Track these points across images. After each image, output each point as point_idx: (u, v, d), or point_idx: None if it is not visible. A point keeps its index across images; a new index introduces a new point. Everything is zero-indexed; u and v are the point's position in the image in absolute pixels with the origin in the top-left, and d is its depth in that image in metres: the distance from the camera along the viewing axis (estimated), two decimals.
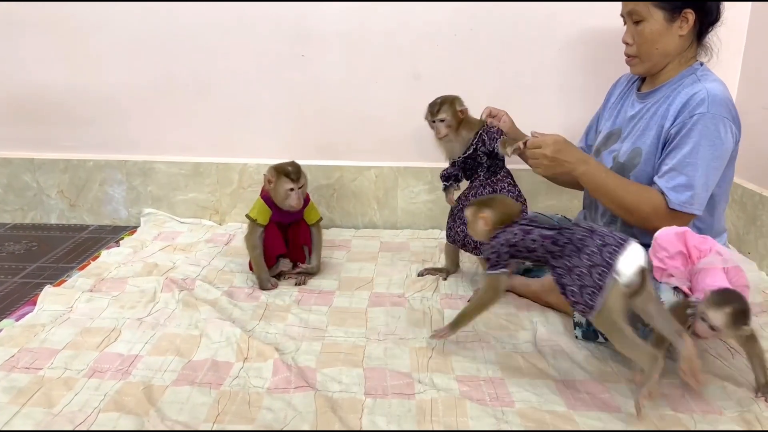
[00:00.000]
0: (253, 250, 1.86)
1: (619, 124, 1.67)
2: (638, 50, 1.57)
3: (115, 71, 2.36)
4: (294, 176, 1.81)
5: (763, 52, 2.10)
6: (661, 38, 1.53)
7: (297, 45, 2.30)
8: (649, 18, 1.52)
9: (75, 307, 1.69)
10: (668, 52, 1.55)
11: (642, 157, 1.56)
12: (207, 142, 2.44)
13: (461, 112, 1.80)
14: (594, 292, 1.21)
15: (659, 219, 1.48)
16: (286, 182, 1.81)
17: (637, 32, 1.55)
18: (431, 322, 1.64)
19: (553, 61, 2.27)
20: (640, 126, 1.59)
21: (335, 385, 1.34)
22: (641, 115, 1.60)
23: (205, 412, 1.25)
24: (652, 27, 1.52)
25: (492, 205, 1.44)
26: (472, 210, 1.46)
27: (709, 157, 1.46)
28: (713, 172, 1.48)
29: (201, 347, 1.49)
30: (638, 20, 1.53)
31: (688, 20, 1.51)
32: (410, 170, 2.41)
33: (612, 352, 1.49)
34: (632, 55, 1.59)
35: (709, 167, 1.46)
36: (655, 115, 1.56)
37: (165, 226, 2.41)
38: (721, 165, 1.49)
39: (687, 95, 1.50)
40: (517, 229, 1.37)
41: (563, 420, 1.23)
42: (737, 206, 2.13)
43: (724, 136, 1.46)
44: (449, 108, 1.78)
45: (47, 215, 2.52)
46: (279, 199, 1.83)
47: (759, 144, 2.06)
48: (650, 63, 1.58)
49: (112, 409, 1.24)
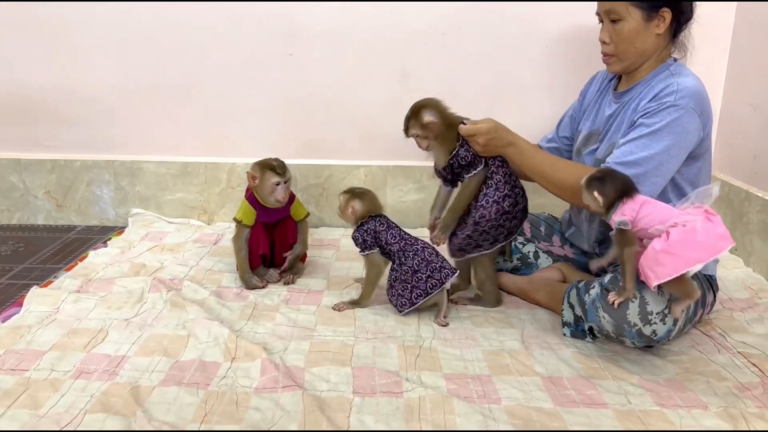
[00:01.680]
0: (238, 252, 1.86)
1: (598, 124, 1.67)
2: (616, 49, 1.56)
3: (102, 70, 2.35)
4: (279, 170, 1.81)
5: (748, 51, 2.11)
6: (638, 37, 1.53)
7: (285, 44, 2.30)
8: (627, 17, 1.52)
9: (62, 308, 1.68)
10: (645, 51, 1.56)
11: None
12: (195, 142, 2.44)
13: (431, 123, 1.61)
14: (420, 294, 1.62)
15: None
16: (272, 176, 1.80)
17: (615, 31, 1.55)
18: (419, 320, 1.64)
19: (540, 58, 2.28)
20: (617, 124, 1.60)
21: (323, 384, 1.34)
22: (617, 113, 1.61)
23: (193, 412, 1.24)
24: (630, 26, 1.52)
25: (363, 198, 1.72)
26: (345, 198, 1.72)
27: (668, 143, 1.45)
28: (669, 159, 1.46)
29: (188, 347, 1.49)
30: (616, 19, 1.53)
31: (665, 19, 1.52)
32: (399, 169, 2.41)
33: (599, 349, 1.50)
34: (609, 54, 1.59)
35: (665, 153, 1.45)
36: (629, 110, 1.57)
37: (153, 226, 2.40)
38: (679, 154, 1.47)
39: (658, 89, 1.50)
40: (384, 221, 1.70)
41: (549, 417, 1.23)
42: (724, 203, 2.15)
43: (687, 126, 1.45)
44: (415, 123, 1.63)
45: (34, 216, 2.50)
46: (265, 194, 1.82)
47: (745, 141, 2.08)
48: (628, 62, 1.58)
49: (99, 410, 1.23)
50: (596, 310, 1.43)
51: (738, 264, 2.03)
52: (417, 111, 1.62)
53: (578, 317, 1.53)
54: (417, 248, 1.66)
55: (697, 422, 1.22)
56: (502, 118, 1.84)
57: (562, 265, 1.82)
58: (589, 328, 1.51)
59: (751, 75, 2.09)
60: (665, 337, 1.39)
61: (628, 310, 1.37)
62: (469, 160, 1.61)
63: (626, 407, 1.26)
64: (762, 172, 2.01)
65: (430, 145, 1.65)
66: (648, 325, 1.37)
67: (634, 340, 1.40)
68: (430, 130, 1.62)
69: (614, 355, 1.47)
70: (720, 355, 1.47)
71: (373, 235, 1.69)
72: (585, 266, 1.80)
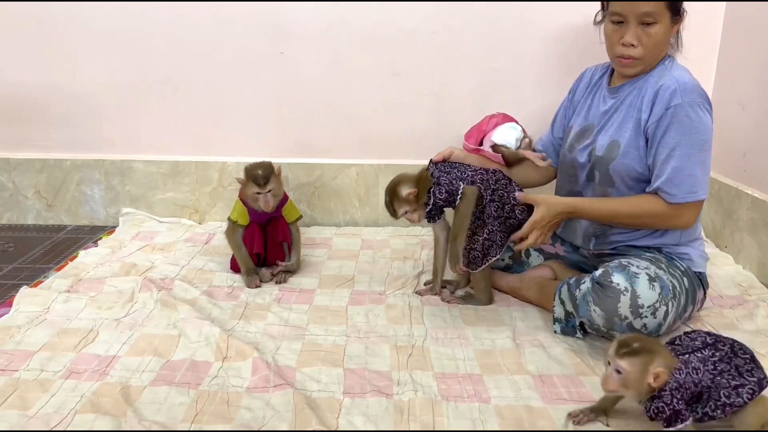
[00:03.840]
0: (238, 250, 1.88)
1: (591, 119, 1.67)
2: (644, 52, 1.51)
3: (91, 69, 2.34)
4: (261, 181, 1.80)
5: (737, 50, 2.12)
6: (665, 39, 1.53)
7: (276, 43, 2.29)
8: (661, 20, 1.49)
9: (52, 308, 1.67)
10: (663, 52, 1.56)
11: (620, 150, 1.56)
12: (185, 141, 2.43)
13: (409, 195, 1.64)
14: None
15: (670, 217, 1.51)
16: (252, 187, 1.81)
17: (647, 34, 1.50)
18: (411, 319, 1.65)
19: (532, 57, 2.28)
20: (615, 119, 1.60)
21: (314, 385, 1.34)
22: (615, 108, 1.61)
23: (183, 412, 1.24)
24: (663, 28, 1.50)
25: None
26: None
27: (698, 142, 1.47)
28: (706, 156, 1.49)
29: (179, 347, 1.48)
30: (651, 22, 1.49)
31: (681, 19, 1.54)
32: (391, 167, 2.40)
33: (589, 347, 1.50)
34: (636, 57, 1.52)
35: (702, 152, 1.47)
36: (631, 107, 1.57)
37: (143, 225, 2.39)
38: (710, 147, 1.49)
39: (657, 84, 1.51)
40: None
41: (539, 415, 1.24)
42: (714, 201, 2.16)
43: (704, 118, 1.47)
44: (399, 203, 1.66)
45: (24, 216, 2.49)
46: (249, 201, 1.85)
47: (734, 139, 2.09)
48: (649, 64, 1.55)
49: (89, 410, 1.23)
50: (587, 304, 1.44)
51: (728, 261, 2.03)
52: (394, 192, 1.66)
53: (569, 313, 1.53)
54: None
55: None
56: None
57: (554, 263, 1.82)
58: (579, 324, 1.52)
59: (740, 73, 2.10)
60: (655, 332, 1.40)
61: (620, 303, 1.38)
62: (445, 196, 1.65)
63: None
64: (751, 169, 2.02)
65: (419, 214, 1.68)
66: (639, 318, 1.37)
67: (625, 334, 1.40)
68: (415, 201, 1.65)
69: (604, 352, 1.47)
70: None
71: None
72: (577, 264, 1.80)
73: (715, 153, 1.57)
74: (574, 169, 1.70)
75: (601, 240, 1.65)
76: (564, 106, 1.84)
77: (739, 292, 1.81)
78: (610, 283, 1.40)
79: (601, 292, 1.42)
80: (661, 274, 1.42)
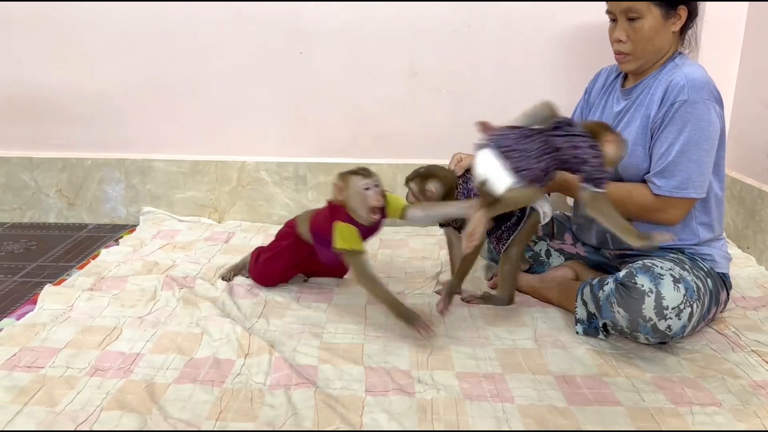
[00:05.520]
0: (376, 286, 1.52)
1: (606, 120, 1.67)
2: (633, 48, 1.55)
3: (112, 69, 2.36)
4: (366, 171, 1.57)
5: (760, 50, 2.10)
6: (657, 35, 1.53)
7: (294, 42, 2.30)
8: (647, 15, 1.51)
9: (75, 305, 1.69)
10: (662, 49, 1.56)
11: (628, 149, 1.56)
12: (205, 140, 2.44)
13: (431, 193, 1.63)
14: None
15: (655, 209, 1.51)
16: (358, 179, 1.56)
17: (633, 29, 1.53)
18: (430, 318, 1.64)
19: (549, 57, 2.27)
20: (627, 119, 1.60)
21: (336, 383, 1.34)
22: (627, 109, 1.61)
23: (208, 409, 1.25)
24: (650, 24, 1.51)
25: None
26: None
27: (698, 140, 1.46)
28: (705, 155, 1.47)
29: (202, 345, 1.49)
30: (635, 17, 1.52)
31: (680, 16, 1.52)
32: (409, 167, 2.37)
33: (612, 347, 1.49)
34: (625, 53, 1.57)
35: (699, 150, 1.46)
36: (640, 106, 1.57)
37: (164, 224, 2.41)
38: (712, 147, 1.48)
39: (667, 81, 1.51)
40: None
41: (563, 415, 1.23)
42: (736, 201, 2.14)
43: (710, 117, 1.46)
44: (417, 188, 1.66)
45: (46, 214, 2.52)
46: (355, 202, 1.56)
47: (757, 139, 2.07)
48: (643, 60, 1.57)
49: (115, 407, 1.24)
50: (610, 305, 1.44)
51: (750, 262, 2.02)
52: (424, 178, 1.67)
53: (591, 314, 1.53)
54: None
55: (711, 419, 1.22)
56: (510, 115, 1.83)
57: (575, 264, 1.81)
58: (602, 325, 1.51)
59: (763, 73, 2.08)
60: (680, 333, 1.39)
61: (644, 305, 1.37)
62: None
63: (639, 405, 1.26)
64: None
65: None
66: (663, 320, 1.37)
67: (649, 335, 1.40)
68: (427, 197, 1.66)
69: (627, 353, 1.47)
70: (734, 354, 1.46)
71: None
72: (598, 265, 1.79)
73: (738, 153, 1.56)
74: None
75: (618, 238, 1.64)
76: (580, 106, 1.83)
77: (762, 293, 1.80)
78: (635, 285, 1.39)
79: (625, 294, 1.41)
80: (686, 275, 1.41)
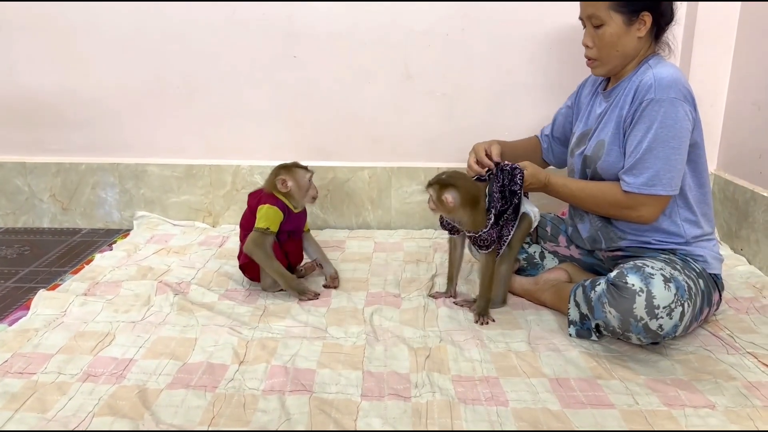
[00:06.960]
0: (270, 261, 1.76)
1: (590, 124, 1.70)
2: (599, 53, 1.59)
3: (106, 73, 2.36)
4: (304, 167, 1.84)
5: (752, 51, 2.11)
6: (620, 41, 1.55)
7: (289, 46, 2.30)
8: (609, 21, 1.54)
9: (69, 311, 1.69)
10: (627, 54, 1.58)
11: (605, 148, 1.59)
12: (199, 144, 2.44)
13: (450, 203, 1.60)
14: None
15: (626, 207, 1.54)
16: (303, 173, 1.81)
17: (597, 36, 1.57)
18: (424, 321, 1.65)
19: (542, 59, 2.27)
20: (604, 120, 1.63)
21: (332, 387, 1.34)
22: (606, 111, 1.63)
23: (200, 415, 1.25)
24: (612, 30, 1.54)
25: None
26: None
27: (665, 137, 1.47)
28: (673, 152, 1.48)
29: (196, 350, 1.49)
30: (598, 24, 1.55)
31: (645, 22, 1.54)
32: (404, 170, 2.41)
33: (605, 350, 1.49)
34: (593, 58, 1.61)
35: (666, 147, 1.47)
36: (616, 107, 1.59)
37: (158, 228, 2.40)
38: (680, 144, 1.49)
39: (638, 82, 1.53)
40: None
41: (557, 418, 1.23)
42: (729, 203, 2.15)
43: (676, 115, 1.47)
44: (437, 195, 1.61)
45: (39, 219, 2.51)
46: (301, 191, 1.81)
47: (750, 141, 2.08)
48: (611, 65, 1.60)
49: (107, 413, 1.24)
50: (602, 305, 1.44)
51: (742, 263, 2.02)
52: (444, 186, 1.60)
53: (584, 315, 1.53)
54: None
55: (704, 422, 1.22)
56: (504, 118, 1.85)
57: (568, 266, 1.82)
58: (595, 326, 1.51)
59: (755, 74, 2.08)
60: (671, 333, 1.40)
61: (635, 304, 1.37)
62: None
63: (633, 408, 1.26)
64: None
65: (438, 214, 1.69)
66: (654, 319, 1.37)
67: (640, 335, 1.40)
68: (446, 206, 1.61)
69: (621, 355, 1.47)
70: (729, 355, 1.46)
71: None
72: (591, 267, 1.80)
73: (730, 155, 1.56)
74: (573, 172, 1.75)
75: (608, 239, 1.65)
76: (566, 105, 1.87)
77: (753, 293, 1.80)
78: (625, 284, 1.40)
79: (616, 294, 1.41)
80: (677, 275, 1.41)
